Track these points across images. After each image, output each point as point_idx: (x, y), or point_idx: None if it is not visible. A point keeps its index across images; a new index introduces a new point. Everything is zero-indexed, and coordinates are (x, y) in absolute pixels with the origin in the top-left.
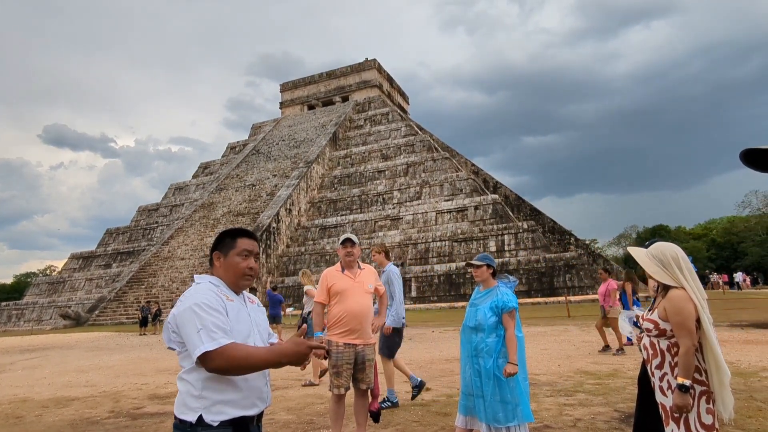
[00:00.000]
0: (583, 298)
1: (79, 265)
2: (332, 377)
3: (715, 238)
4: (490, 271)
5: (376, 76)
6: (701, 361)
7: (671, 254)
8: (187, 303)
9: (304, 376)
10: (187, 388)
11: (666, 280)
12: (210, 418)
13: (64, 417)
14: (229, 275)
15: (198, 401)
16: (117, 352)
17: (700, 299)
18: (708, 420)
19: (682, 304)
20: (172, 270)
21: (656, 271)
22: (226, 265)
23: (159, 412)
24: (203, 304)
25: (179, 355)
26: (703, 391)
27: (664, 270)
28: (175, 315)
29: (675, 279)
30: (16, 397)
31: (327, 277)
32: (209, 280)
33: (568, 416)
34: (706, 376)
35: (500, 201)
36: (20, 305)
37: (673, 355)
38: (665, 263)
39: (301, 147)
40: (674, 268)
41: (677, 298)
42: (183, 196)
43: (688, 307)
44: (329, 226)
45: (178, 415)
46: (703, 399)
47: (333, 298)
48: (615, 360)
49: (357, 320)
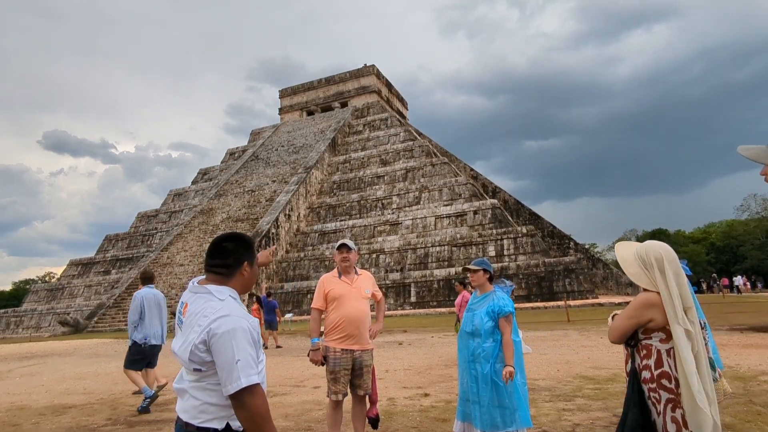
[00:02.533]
0: (582, 303)
1: (78, 272)
2: (330, 383)
3: (714, 242)
4: (487, 276)
5: (375, 81)
6: (672, 368)
7: (655, 255)
8: (234, 324)
9: (302, 382)
10: (213, 399)
11: (644, 283)
12: (236, 424)
13: (62, 425)
14: (247, 284)
15: (225, 410)
16: (115, 359)
17: (677, 310)
18: (671, 429)
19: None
20: (171, 276)
21: (636, 273)
22: (252, 274)
23: (156, 420)
24: (249, 332)
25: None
26: (669, 398)
27: (645, 272)
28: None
29: (653, 283)
30: (13, 404)
31: (324, 282)
32: (230, 294)
33: (567, 421)
34: (675, 384)
35: (499, 206)
36: (19, 312)
37: (642, 357)
38: (647, 264)
39: (300, 153)
40: (655, 270)
41: (639, 298)
42: (182, 202)
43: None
44: (328, 232)
45: (198, 423)
46: (669, 407)
47: (330, 303)
48: (615, 365)
49: (354, 326)
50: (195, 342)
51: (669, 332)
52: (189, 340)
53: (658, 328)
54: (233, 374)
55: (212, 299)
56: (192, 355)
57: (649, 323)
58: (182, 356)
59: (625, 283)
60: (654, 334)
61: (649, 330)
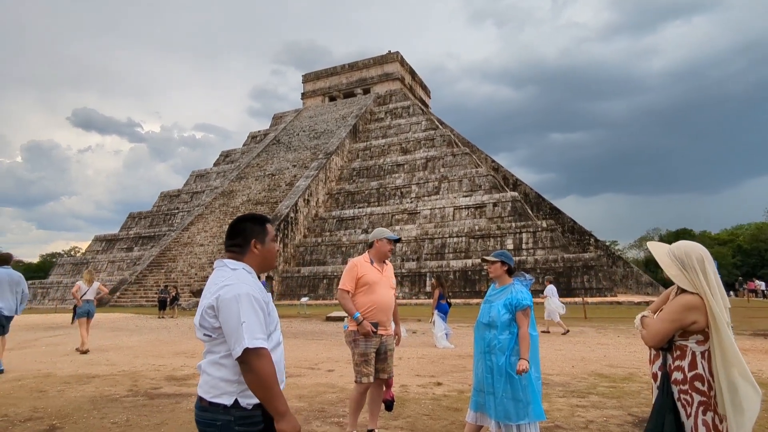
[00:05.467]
0: (600, 300)
1: (102, 248)
2: (361, 366)
3: (741, 245)
4: (505, 268)
5: (399, 68)
6: (706, 371)
7: (696, 256)
8: (239, 290)
9: (316, 365)
10: (222, 373)
11: (685, 284)
12: (245, 401)
13: (85, 393)
14: (264, 262)
15: (233, 386)
16: (136, 333)
17: (720, 311)
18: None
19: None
20: (191, 256)
21: (676, 274)
22: (265, 251)
23: (175, 393)
24: (254, 297)
25: (213, 340)
26: (701, 401)
27: (684, 273)
28: (222, 298)
29: (695, 285)
30: (39, 372)
31: (358, 266)
32: (244, 267)
33: (580, 417)
34: (708, 387)
35: (519, 198)
36: (45, 284)
37: (674, 359)
38: (687, 266)
39: (321, 138)
40: (698, 272)
41: (680, 301)
42: (204, 184)
43: (686, 314)
44: (346, 218)
45: (210, 398)
46: (701, 409)
47: (360, 288)
48: (631, 364)
49: (383, 312)
50: (205, 307)
51: (707, 334)
52: (200, 305)
53: (697, 331)
54: (239, 336)
55: (225, 270)
56: (202, 319)
57: (691, 326)
58: (195, 323)
59: (646, 283)
60: (692, 337)
61: (689, 332)
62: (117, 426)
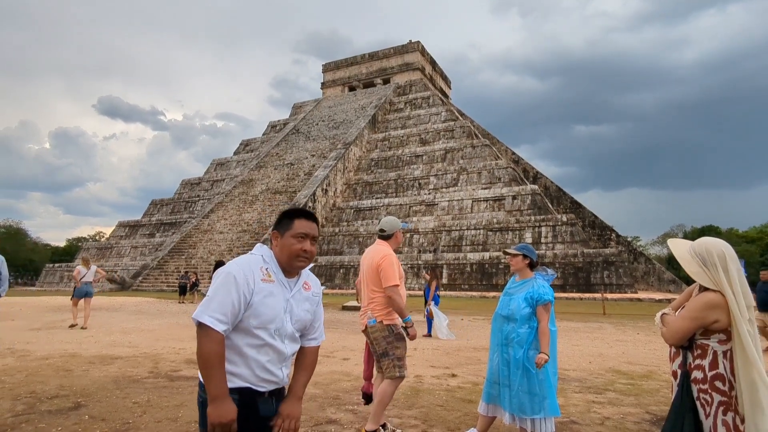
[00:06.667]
0: (620, 296)
1: (125, 233)
2: (403, 360)
3: None
4: (527, 262)
5: (419, 58)
6: (728, 370)
7: (718, 253)
8: (228, 268)
9: (332, 353)
10: None
11: (705, 282)
12: None
13: (109, 373)
14: (283, 255)
15: None
16: (158, 317)
17: (742, 310)
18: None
19: (702, 305)
20: (210, 243)
21: (696, 271)
22: (281, 245)
23: (194, 376)
24: (236, 279)
25: None
26: (721, 401)
27: (705, 270)
28: None
29: (716, 282)
30: (66, 352)
31: (396, 260)
32: (262, 253)
33: (596, 414)
34: (729, 386)
35: (539, 192)
36: (71, 267)
37: (695, 357)
38: (708, 263)
39: (340, 128)
40: (719, 270)
41: (702, 299)
42: (224, 172)
43: (707, 312)
44: (364, 209)
45: (200, 377)
46: (721, 409)
47: None
48: (650, 362)
49: None
50: None
51: (729, 333)
52: None
53: (720, 329)
54: (202, 303)
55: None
56: None
57: (713, 324)
58: None
59: (668, 280)
60: (713, 335)
61: (710, 331)
62: (138, 406)
